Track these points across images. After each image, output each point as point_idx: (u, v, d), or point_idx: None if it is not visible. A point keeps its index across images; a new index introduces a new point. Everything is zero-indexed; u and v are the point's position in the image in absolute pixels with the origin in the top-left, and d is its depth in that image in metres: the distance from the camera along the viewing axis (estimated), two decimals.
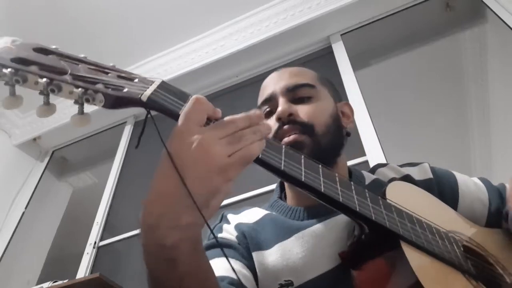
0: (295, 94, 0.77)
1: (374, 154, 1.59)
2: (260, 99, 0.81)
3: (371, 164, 1.55)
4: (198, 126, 0.44)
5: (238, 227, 0.72)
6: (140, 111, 2.56)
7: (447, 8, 2.13)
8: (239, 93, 2.36)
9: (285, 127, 0.72)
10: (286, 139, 0.71)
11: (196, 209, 0.42)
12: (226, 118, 0.46)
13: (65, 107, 2.54)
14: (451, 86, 2.42)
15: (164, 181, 0.43)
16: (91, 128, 2.66)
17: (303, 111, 0.74)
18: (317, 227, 0.66)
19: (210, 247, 0.68)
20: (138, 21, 2.32)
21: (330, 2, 2.12)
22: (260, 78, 2.33)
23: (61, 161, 2.85)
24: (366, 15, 2.16)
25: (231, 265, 0.49)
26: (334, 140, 0.74)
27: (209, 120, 0.46)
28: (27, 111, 2.70)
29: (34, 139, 2.69)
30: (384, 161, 1.54)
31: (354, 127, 0.88)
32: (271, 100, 0.78)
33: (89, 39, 2.32)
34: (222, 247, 0.67)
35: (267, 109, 0.78)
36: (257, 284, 0.65)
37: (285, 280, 0.61)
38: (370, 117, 1.71)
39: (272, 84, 0.80)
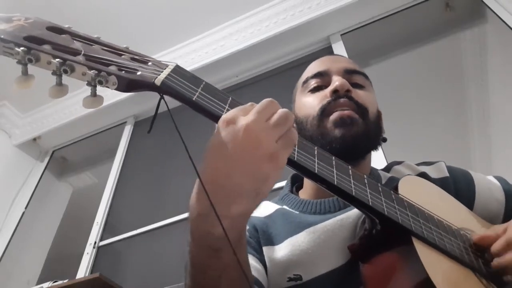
0: (351, 78, 0.75)
1: (374, 154, 1.59)
2: (310, 73, 0.78)
3: (371, 164, 1.55)
4: (243, 114, 0.43)
5: (249, 220, 0.71)
6: (140, 111, 2.57)
7: (447, 8, 2.13)
8: (239, 93, 2.36)
9: (342, 100, 0.69)
10: (339, 112, 0.68)
11: (246, 197, 0.42)
12: (263, 102, 0.44)
13: (65, 107, 2.56)
14: (451, 86, 2.42)
15: (213, 171, 0.42)
16: (91, 128, 2.66)
17: (359, 94, 0.72)
18: (329, 222, 0.64)
19: None
20: (137, 22, 2.32)
21: (330, 2, 2.12)
22: (260, 78, 2.35)
23: (61, 161, 2.85)
24: (366, 15, 2.16)
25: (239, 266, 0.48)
26: (377, 132, 0.74)
27: None
28: (27, 111, 2.70)
29: (34, 139, 2.69)
30: (384, 162, 1.54)
31: None
32: (323, 75, 0.75)
33: None
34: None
35: (315, 85, 0.76)
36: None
37: (294, 274, 0.60)
38: None
39: (328, 63, 0.78)
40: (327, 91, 0.72)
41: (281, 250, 0.64)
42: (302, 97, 0.78)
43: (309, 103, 0.74)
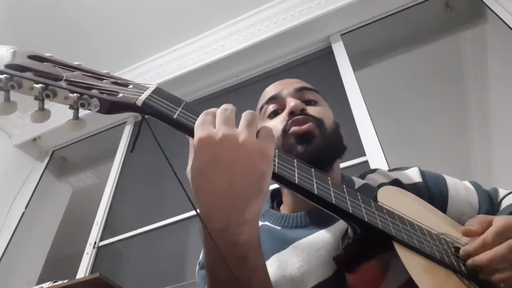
0: (303, 96, 0.78)
1: (374, 154, 1.59)
2: (264, 99, 0.81)
3: (371, 164, 1.55)
4: (212, 125, 0.44)
5: None
6: None
7: (447, 8, 2.13)
8: (239, 93, 2.36)
9: (299, 116, 0.72)
10: (297, 128, 0.71)
11: (253, 198, 0.44)
12: (222, 111, 0.46)
13: (65, 107, 2.55)
14: (451, 86, 2.42)
15: (216, 186, 0.44)
16: (91, 128, 2.66)
17: (313, 109, 0.75)
18: (314, 236, 0.65)
19: None
20: (138, 22, 2.32)
21: (330, 2, 2.12)
22: (260, 78, 2.35)
23: (61, 161, 2.85)
24: (366, 15, 2.16)
25: None
26: (338, 141, 0.75)
27: None
28: (27, 111, 2.70)
29: (34, 139, 2.69)
30: (384, 162, 1.54)
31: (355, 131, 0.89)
32: (277, 99, 0.78)
33: (89, 40, 2.32)
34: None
35: (272, 109, 0.78)
36: None
37: None
38: (370, 117, 1.71)
39: (278, 87, 0.81)
40: (284, 114, 0.75)
41: (269, 267, 0.64)
42: (263, 124, 0.80)
43: (271, 127, 0.77)
